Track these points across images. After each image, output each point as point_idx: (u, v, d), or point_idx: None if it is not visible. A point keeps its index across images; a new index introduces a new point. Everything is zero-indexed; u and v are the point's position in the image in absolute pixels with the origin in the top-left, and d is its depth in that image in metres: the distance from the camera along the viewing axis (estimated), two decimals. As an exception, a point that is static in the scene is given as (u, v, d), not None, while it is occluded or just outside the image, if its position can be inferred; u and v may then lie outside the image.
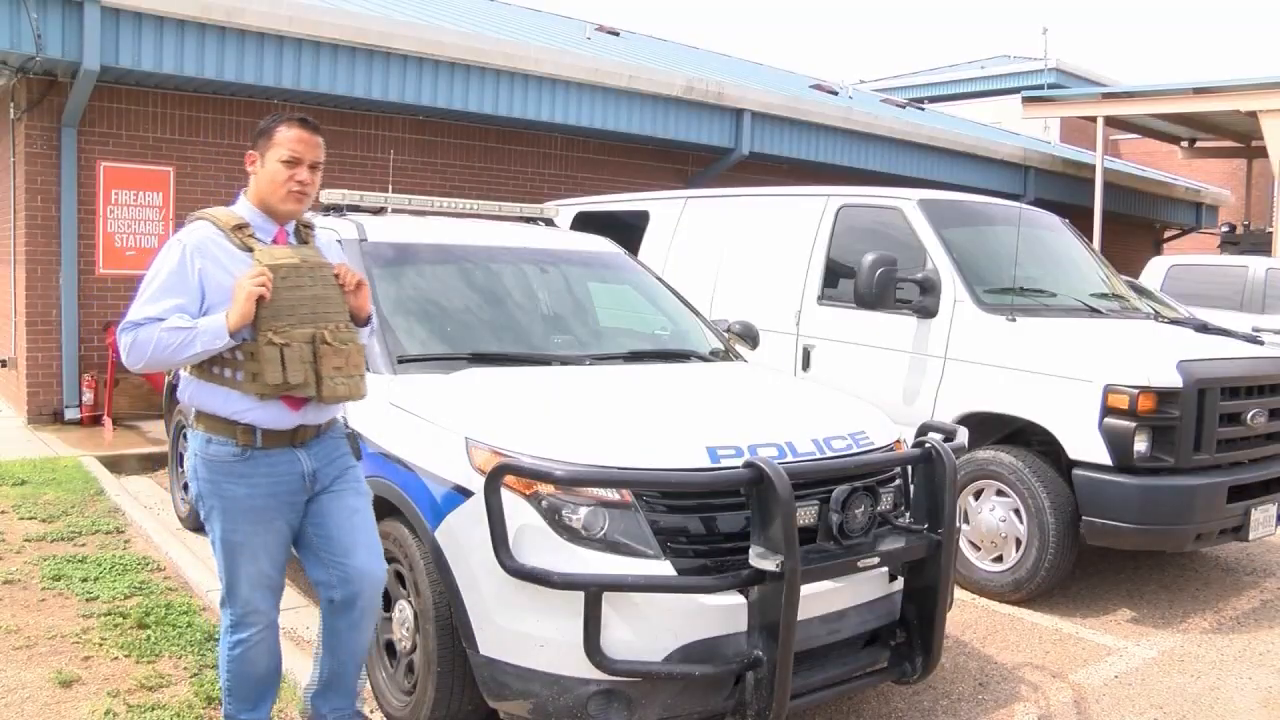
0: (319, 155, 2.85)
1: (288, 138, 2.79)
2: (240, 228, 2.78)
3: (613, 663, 2.90)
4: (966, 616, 4.90)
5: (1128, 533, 4.86)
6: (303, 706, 3.23)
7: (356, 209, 4.83)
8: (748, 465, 3.04)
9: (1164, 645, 4.67)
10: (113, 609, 4.28)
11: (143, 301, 2.70)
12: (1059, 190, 16.78)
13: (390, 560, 3.53)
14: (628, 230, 7.36)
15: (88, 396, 8.57)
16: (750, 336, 4.95)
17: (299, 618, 4.60)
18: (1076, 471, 4.95)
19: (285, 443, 2.81)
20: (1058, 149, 18.49)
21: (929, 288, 5.58)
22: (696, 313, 5.01)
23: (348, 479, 2.99)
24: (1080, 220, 9.88)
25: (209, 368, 2.73)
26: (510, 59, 9.96)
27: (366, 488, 3.06)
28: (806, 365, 6.15)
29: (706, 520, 3.15)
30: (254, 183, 2.86)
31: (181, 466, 6.06)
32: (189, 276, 2.70)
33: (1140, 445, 4.81)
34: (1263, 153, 15.61)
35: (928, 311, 5.59)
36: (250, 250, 2.75)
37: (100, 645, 3.91)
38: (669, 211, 7.48)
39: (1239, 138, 18.31)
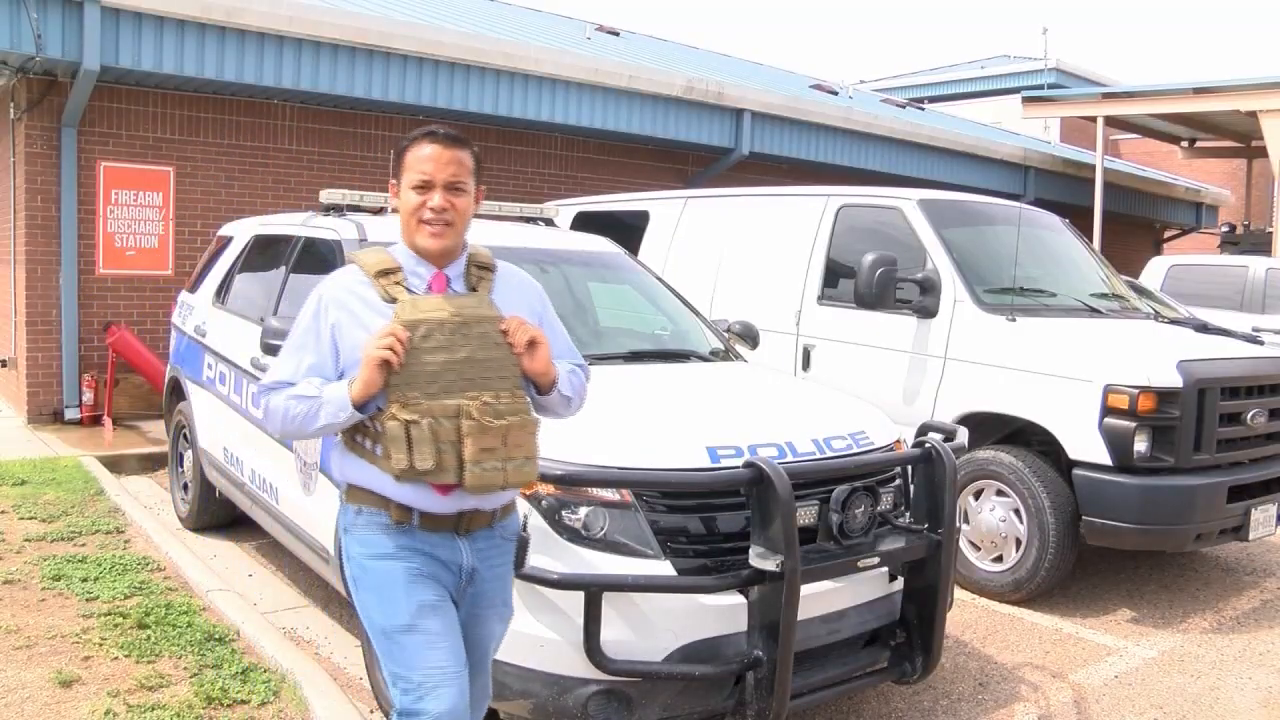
0: (459, 173, 2.29)
1: (417, 158, 2.29)
2: (388, 273, 2.30)
3: (613, 663, 2.90)
4: (966, 616, 4.90)
5: (1128, 533, 4.86)
6: None
7: (356, 209, 4.82)
8: (748, 465, 3.05)
9: (1164, 645, 4.67)
10: (113, 609, 4.27)
11: (278, 361, 2.36)
12: (1059, 190, 16.77)
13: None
14: (628, 230, 7.36)
15: (88, 396, 8.57)
16: (750, 336, 4.95)
17: (299, 617, 4.60)
18: (1076, 471, 4.95)
19: (448, 528, 2.32)
20: (1058, 149, 18.48)
21: (929, 288, 5.58)
22: (696, 313, 5.01)
23: (497, 598, 2.45)
24: (1080, 220, 9.89)
25: (352, 435, 2.30)
26: (510, 59, 9.96)
27: (513, 608, 2.54)
28: (806, 365, 6.15)
29: (706, 520, 3.15)
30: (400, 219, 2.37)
31: (181, 466, 6.07)
32: (321, 332, 2.30)
33: (1140, 445, 4.81)
34: (1263, 153, 15.60)
35: (928, 311, 5.59)
36: (395, 301, 2.26)
37: (100, 645, 3.91)
38: (669, 211, 7.48)
39: (1239, 138, 18.30)
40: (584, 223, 7.64)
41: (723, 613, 3.02)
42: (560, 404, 2.45)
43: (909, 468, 3.61)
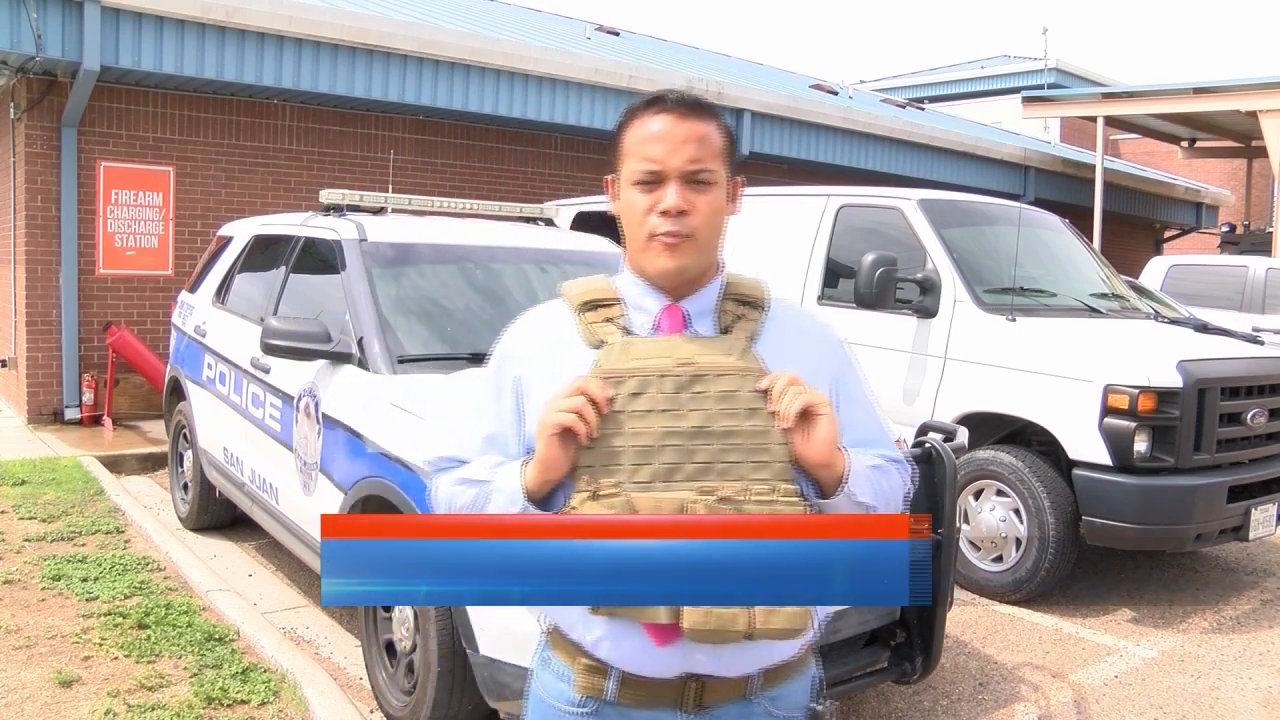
0: (701, 156, 1.57)
1: (639, 138, 1.59)
2: (597, 306, 1.61)
3: (613, 663, 2.89)
4: (966, 616, 4.90)
5: (1128, 533, 4.86)
6: None
7: (356, 209, 4.83)
8: (748, 465, 3.03)
9: (1164, 645, 4.67)
10: (113, 609, 4.27)
11: (446, 429, 1.75)
12: (1059, 190, 16.78)
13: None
14: (628, 230, 7.35)
15: (88, 396, 8.57)
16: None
17: (299, 617, 4.60)
18: (1076, 471, 4.95)
19: (668, 702, 1.53)
20: (1058, 149, 18.49)
21: (929, 288, 5.58)
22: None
23: None
24: (1080, 220, 9.88)
25: None
26: (510, 59, 9.97)
27: None
28: (806, 365, 6.14)
29: (706, 520, 3.14)
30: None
31: (181, 466, 6.06)
32: (502, 390, 1.64)
33: (1140, 445, 4.81)
34: (1263, 153, 15.62)
35: (928, 311, 5.59)
36: (602, 344, 1.56)
37: (100, 645, 3.91)
38: (669, 211, 7.46)
39: (1239, 138, 18.31)
40: (584, 223, 7.64)
41: (723, 613, 3.01)
42: (848, 505, 1.54)
43: (909, 468, 3.61)
